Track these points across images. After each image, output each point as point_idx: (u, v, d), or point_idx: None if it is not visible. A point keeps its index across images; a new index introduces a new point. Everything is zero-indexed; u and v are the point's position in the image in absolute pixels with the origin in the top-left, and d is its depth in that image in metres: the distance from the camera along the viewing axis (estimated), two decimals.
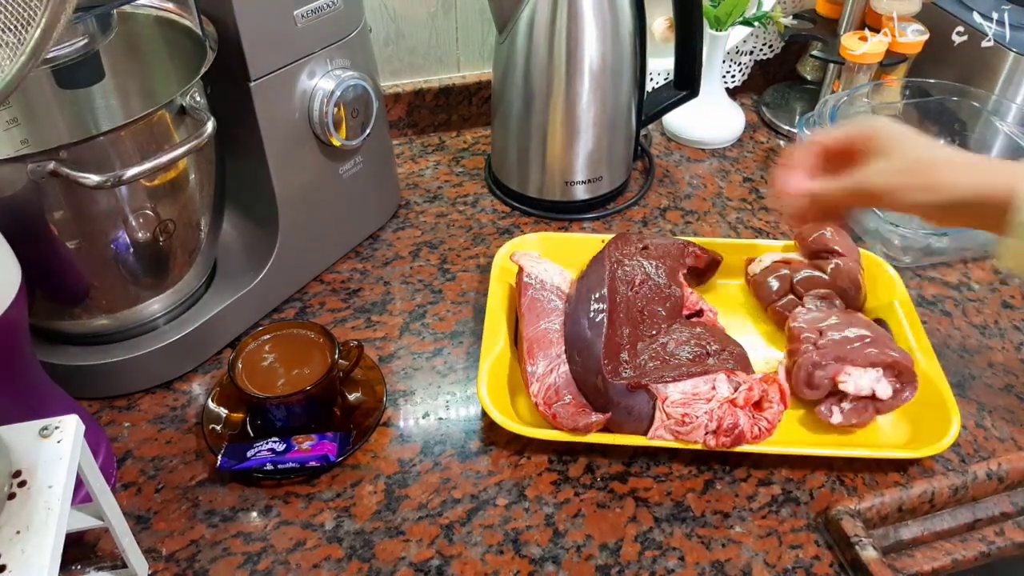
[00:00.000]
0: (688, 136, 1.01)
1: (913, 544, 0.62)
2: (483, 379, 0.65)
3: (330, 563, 0.58)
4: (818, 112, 0.90)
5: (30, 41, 0.43)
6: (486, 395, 0.64)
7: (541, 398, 0.64)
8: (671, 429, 0.61)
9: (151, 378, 0.70)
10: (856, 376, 0.64)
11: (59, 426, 0.45)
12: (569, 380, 0.65)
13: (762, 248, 0.80)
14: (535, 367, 0.66)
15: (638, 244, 0.75)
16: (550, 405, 0.63)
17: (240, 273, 0.74)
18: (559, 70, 0.80)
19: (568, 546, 0.59)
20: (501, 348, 0.69)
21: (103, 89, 0.72)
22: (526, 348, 0.67)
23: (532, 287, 0.71)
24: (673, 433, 0.62)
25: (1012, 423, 0.68)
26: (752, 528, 0.60)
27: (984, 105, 0.94)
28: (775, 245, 0.80)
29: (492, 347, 0.69)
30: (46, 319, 0.66)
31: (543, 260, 0.75)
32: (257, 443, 0.62)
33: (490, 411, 0.63)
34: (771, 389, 0.63)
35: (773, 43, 1.09)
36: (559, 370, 0.66)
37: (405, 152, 1.00)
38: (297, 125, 0.71)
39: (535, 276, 0.72)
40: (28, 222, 0.57)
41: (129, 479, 0.63)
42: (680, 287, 0.72)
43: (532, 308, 0.70)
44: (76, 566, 0.55)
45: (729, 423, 0.61)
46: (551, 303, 0.71)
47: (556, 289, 0.72)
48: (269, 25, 0.66)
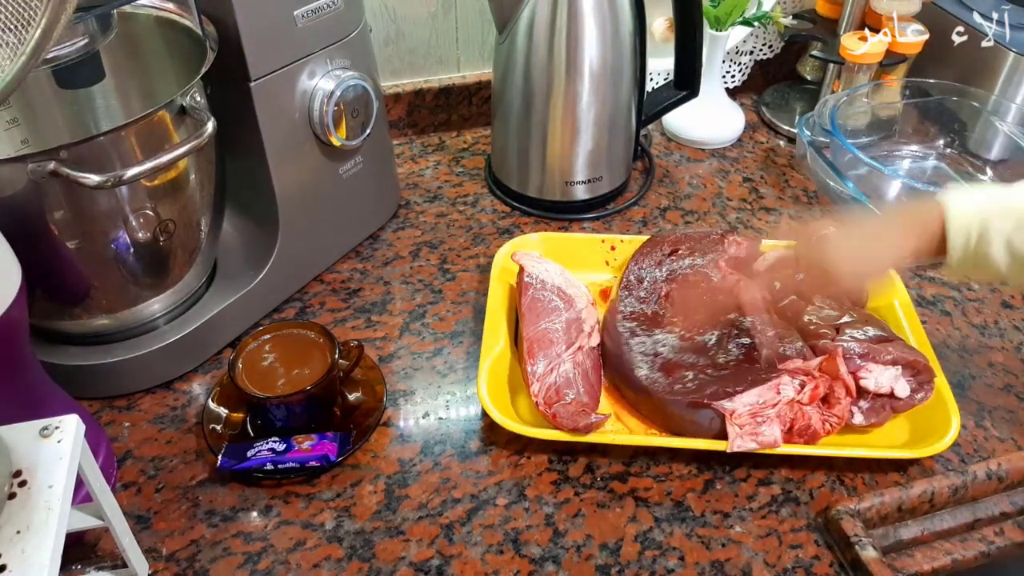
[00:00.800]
0: (688, 136, 1.01)
1: (913, 544, 0.62)
2: (483, 379, 0.65)
3: (330, 563, 0.58)
4: (818, 112, 0.90)
5: (30, 41, 0.43)
6: (486, 395, 0.64)
7: (542, 398, 0.64)
8: (749, 435, 0.61)
9: (151, 378, 0.70)
10: (877, 373, 0.63)
11: (59, 426, 0.45)
12: (569, 380, 0.66)
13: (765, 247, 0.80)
14: (536, 367, 0.66)
15: (665, 251, 0.75)
16: (550, 405, 0.63)
17: (240, 273, 0.75)
18: (559, 70, 0.80)
19: (568, 546, 0.59)
20: (501, 348, 0.69)
21: (103, 89, 0.72)
22: (527, 348, 0.67)
23: (533, 287, 0.71)
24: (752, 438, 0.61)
25: (1012, 423, 0.68)
26: (752, 528, 0.60)
27: (984, 105, 0.94)
28: (779, 243, 0.80)
29: (492, 347, 0.69)
30: (46, 319, 0.66)
31: (544, 260, 0.75)
32: (257, 443, 0.62)
33: (490, 411, 0.63)
34: (836, 384, 0.62)
35: (773, 43, 1.09)
36: (560, 369, 0.66)
37: (405, 152, 1.00)
38: (297, 125, 0.72)
39: (536, 276, 0.72)
40: (28, 222, 0.58)
41: (129, 479, 0.63)
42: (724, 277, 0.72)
43: (533, 308, 0.70)
44: (76, 566, 0.55)
45: (801, 424, 0.61)
46: (552, 303, 0.71)
47: (557, 289, 0.72)
48: (269, 25, 0.66)
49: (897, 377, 0.64)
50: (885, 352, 0.64)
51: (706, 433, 0.63)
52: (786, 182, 0.96)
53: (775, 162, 0.99)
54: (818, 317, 0.69)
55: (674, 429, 0.64)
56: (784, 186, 0.95)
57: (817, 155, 0.87)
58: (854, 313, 0.69)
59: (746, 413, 0.61)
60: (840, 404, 0.62)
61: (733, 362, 0.65)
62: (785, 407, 0.61)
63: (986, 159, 0.95)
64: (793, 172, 0.97)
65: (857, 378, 0.63)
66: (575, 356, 0.68)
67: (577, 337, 0.69)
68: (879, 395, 0.64)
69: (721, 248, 0.76)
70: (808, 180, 0.96)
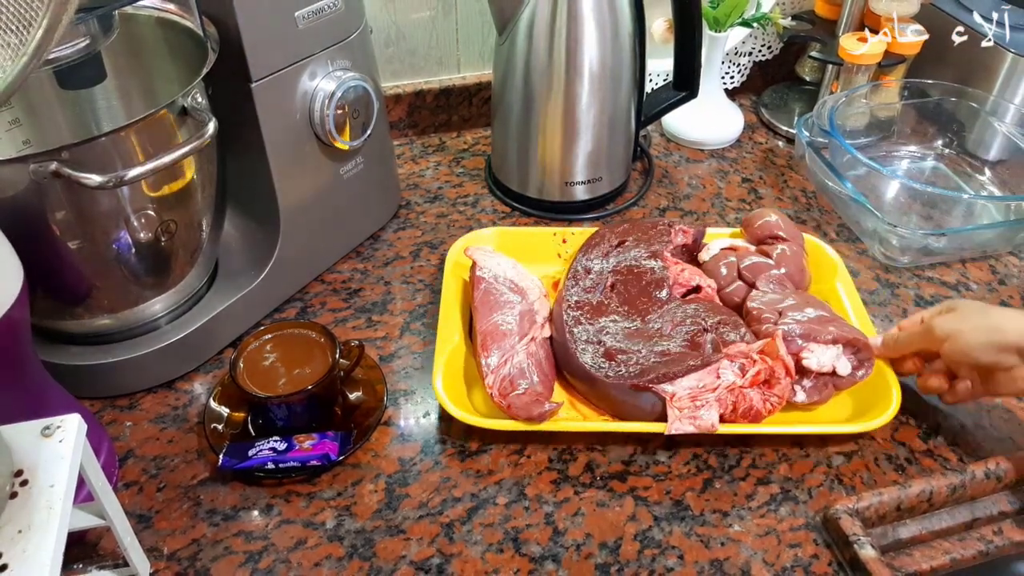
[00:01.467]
0: (687, 137, 1.01)
1: (912, 543, 0.62)
2: (438, 374, 0.66)
3: (331, 562, 0.58)
4: (817, 113, 0.90)
5: (32, 42, 0.44)
6: (441, 389, 0.65)
7: (496, 389, 0.64)
8: (688, 419, 0.62)
9: (153, 377, 0.70)
10: (819, 353, 0.65)
11: (61, 425, 0.46)
12: (522, 371, 0.66)
13: (709, 236, 0.81)
14: (489, 359, 0.66)
15: (612, 242, 0.77)
16: (505, 396, 0.64)
17: (241, 273, 0.75)
18: (559, 71, 0.80)
19: (568, 544, 0.59)
20: (456, 342, 0.69)
21: (105, 90, 0.72)
22: (480, 341, 0.67)
23: (485, 280, 0.72)
24: (691, 421, 0.62)
25: (1010, 423, 0.68)
26: (751, 527, 0.60)
27: (982, 106, 0.94)
28: (722, 233, 0.82)
29: (447, 342, 0.69)
30: (48, 319, 0.67)
31: (496, 254, 0.76)
32: (258, 442, 0.62)
33: (446, 405, 0.63)
34: (776, 366, 0.64)
35: (772, 44, 1.09)
36: (513, 360, 0.66)
37: (406, 153, 1.00)
38: (298, 126, 0.72)
39: (488, 269, 0.73)
40: (30, 222, 0.58)
41: (131, 478, 0.63)
42: (667, 267, 0.74)
43: (485, 301, 0.70)
44: (78, 565, 0.55)
45: (744, 407, 0.63)
46: (504, 296, 0.71)
47: (509, 282, 0.72)
48: (270, 26, 0.66)
49: (839, 356, 0.66)
50: (826, 332, 0.66)
51: (648, 416, 0.64)
52: (785, 183, 0.96)
53: (774, 163, 1.00)
54: (761, 302, 0.70)
55: (619, 414, 0.65)
56: (783, 187, 0.95)
57: (816, 156, 0.87)
58: (796, 296, 0.71)
59: (686, 396, 0.62)
60: (780, 384, 0.64)
61: (677, 348, 0.66)
62: (725, 391, 0.63)
63: (984, 160, 0.96)
64: (792, 173, 0.98)
65: (799, 358, 0.65)
66: (528, 347, 0.68)
67: (530, 328, 0.70)
68: (821, 374, 0.66)
69: (667, 238, 0.77)
70: (807, 181, 0.96)
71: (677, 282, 0.73)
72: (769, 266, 0.74)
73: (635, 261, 0.75)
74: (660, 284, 0.72)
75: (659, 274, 0.73)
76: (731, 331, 0.67)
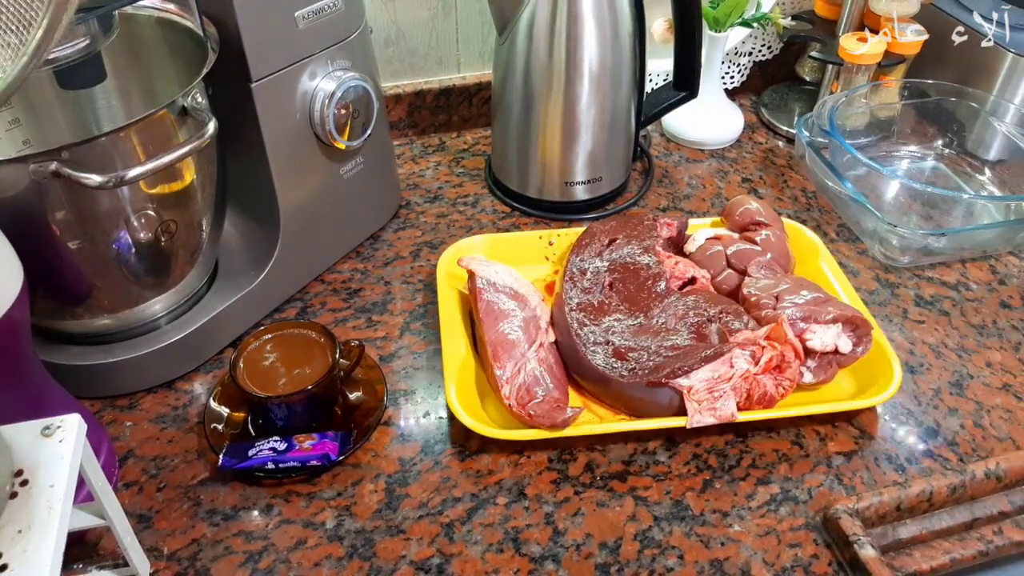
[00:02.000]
0: (687, 137, 1.01)
1: (912, 543, 0.62)
2: (451, 387, 0.65)
3: (331, 562, 0.58)
4: (816, 113, 0.90)
5: (32, 42, 0.44)
6: (457, 404, 0.64)
7: (514, 399, 0.64)
8: (708, 410, 0.63)
9: (153, 377, 0.70)
10: (821, 333, 0.66)
11: (61, 425, 0.46)
12: (537, 378, 0.66)
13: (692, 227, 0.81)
14: (504, 370, 0.65)
15: (603, 241, 0.77)
16: (524, 405, 0.63)
17: (241, 273, 0.75)
18: (559, 71, 0.80)
19: (568, 544, 0.59)
20: (464, 355, 0.69)
21: (105, 90, 0.72)
22: (491, 352, 0.66)
23: (486, 291, 0.71)
24: (711, 413, 0.62)
25: (1010, 422, 0.68)
26: (751, 527, 0.60)
27: (982, 106, 0.94)
28: (704, 223, 0.82)
29: (455, 354, 0.68)
30: (48, 318, 0.67)
31: (491, 262, 0.75)
32: (258, 442, 0.62)
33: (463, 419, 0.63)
34: (785, 350, 0.64)
35: (772, 44, 1.09)
36: (526, 368, 0.66)
37: (406, 153, 1.00)
38: (298, 126, 0.72)
39: (487, 279, 0.72)
40: (30, 222, 0.58)
41: (131, 478, 0.63)
42: (661, 261, 0.74)
43: (490, 311, 0.69)
44: (78, 565, 0.55)
45: (759, 393, 0.63)
46: (506, 304, 0.71)
47: (508, 289, 0.72)
48: (270, 26, 0.66)
49: (839, 334, 0.67)
50: (824, 312, 0.67)
51: (666, 412, 0.64)
52: (785, 183, 0.96)
53: (774, 163, 1.00)
54: (756, 288, 0.71)
55: (636, 412, 0.65)
56: (783, 187, 0.95)
57: (816, 156, 0.87)
58: (789, 280, 0.71)
59: (703, 389, 0.63)
60: (791, 368, 0.64)
61: (685, 341, 0.66)
62: (740, 379, 0.63)
63: (984, 160, 0.96)
64: (792, 172, 0.98)
65: (803, 340, 0.66)
66: (538, 353, 0.68)
67: (537, 334, 0.69)
68: (824, 353, 0.67)
69: (655, 232, 0.77)
70: (807, 181, 0.96)
71: (673, 275, 0.74)
72: (756, 252, 0.75)
73: (629, 258, 0.75)
74: (657, 278, 0.72)
75: (655, 269, 0.73)
76: (734, 319, 0.67)
